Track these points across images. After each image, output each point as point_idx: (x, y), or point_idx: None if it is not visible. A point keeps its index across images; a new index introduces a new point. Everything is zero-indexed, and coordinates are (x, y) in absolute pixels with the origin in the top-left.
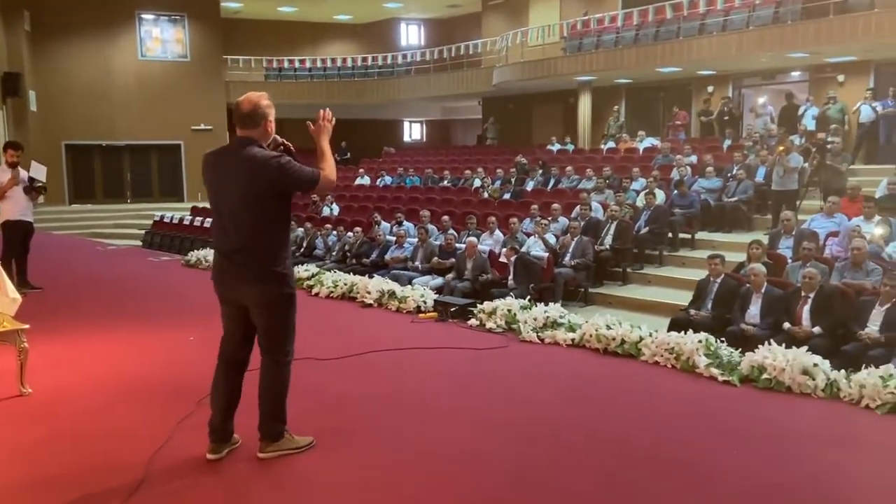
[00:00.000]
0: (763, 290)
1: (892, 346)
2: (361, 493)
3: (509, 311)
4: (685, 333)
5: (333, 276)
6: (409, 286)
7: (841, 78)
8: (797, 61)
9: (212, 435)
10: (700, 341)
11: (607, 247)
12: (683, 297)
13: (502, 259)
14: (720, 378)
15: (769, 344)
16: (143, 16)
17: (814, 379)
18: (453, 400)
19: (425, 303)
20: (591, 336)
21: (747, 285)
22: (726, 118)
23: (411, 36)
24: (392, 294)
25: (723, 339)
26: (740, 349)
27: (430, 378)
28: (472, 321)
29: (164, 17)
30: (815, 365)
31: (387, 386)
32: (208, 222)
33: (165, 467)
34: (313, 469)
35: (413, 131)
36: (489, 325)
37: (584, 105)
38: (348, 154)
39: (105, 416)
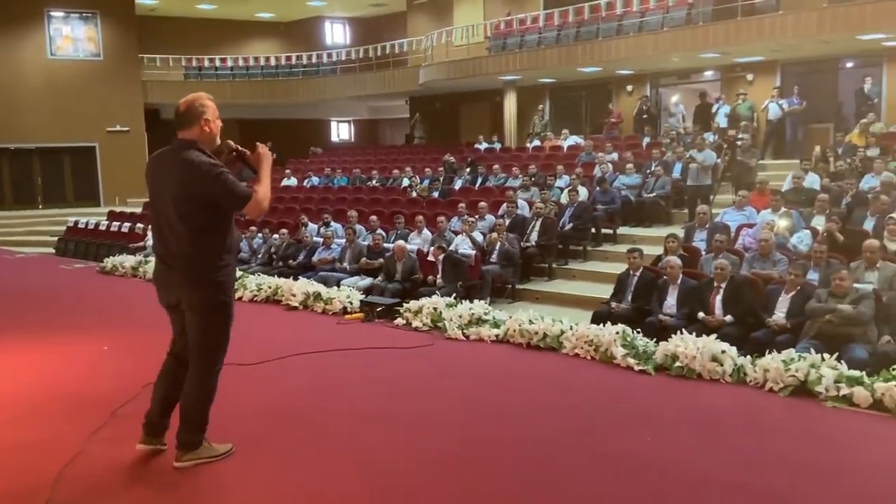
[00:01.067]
0: (679, 282)
1: (797, 331)
2: (286, 500)
3: (435, 309)
4: (604, 326)
5: (257, 279)
6: (335, 287)
7: (750, 77)
8: (709, 61)
9: (146, 427)
10: (617, 333)
11: (533, 243)
12: (607, 291)
13: (430, 258)
14: (636, 367)
15: (681, 333)
16: (53, 13)
17: (722, 365)
18: (381, 400)
19: (351, 304)
20: (514, 331)
21: (664, 277)
22: (645, 117)
23: (336, 34)
24: (318, 296)
25: (639, 329)
26: (656, 339)
27: (356, 379)
28: (399, 321)
29: (74, 14)
30: (724, 352)
31: (313, 389)
32: (126, 227)
33: (75, 481)
34: (233, 477)
35: (341, 131)
36: (415, 323)
37: (510, 104)
38: (275, 155)
39: (13, 429)
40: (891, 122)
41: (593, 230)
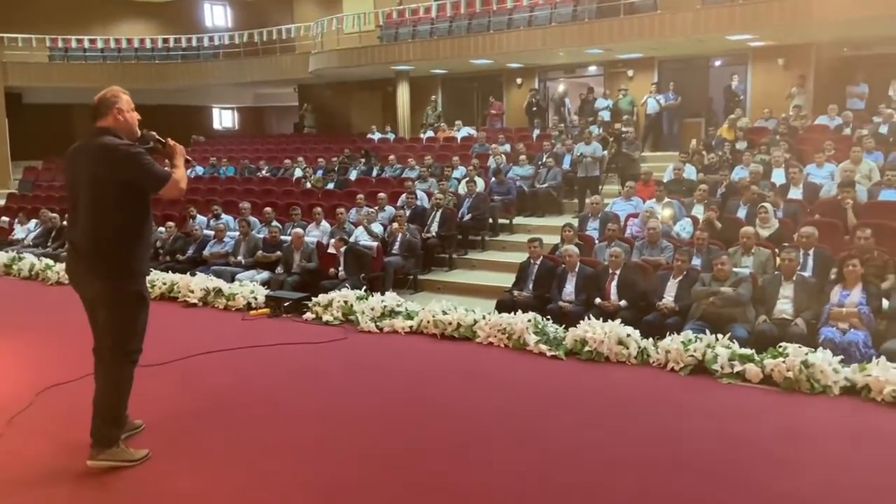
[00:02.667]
0: (577, 270)
1: (685, 314)
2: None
3: (346, 302)
4: (514, 314)
5: (149, 276)
6: (234, 283)
7: (630, 73)
8: (594, 57)
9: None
10: (529, 321)
11: (434, 234)
12: (506, 280)
13: (331, 250)
14: (548, 353)
15: (588, 319)
16: None
17: (628, 348)
18: (297, 397)
19: (256, 299)
20: (428, 322)
21: (563, 266)
22: (534, 109)
23: (217, 17)
24: (218, 292)
25: (548, 317)
26: (564, 326)
27: (269, 376)
28: (308, 315)
29: None
30: (629, 335)
31: (227, 388)
32: None
33: None
34: (148, 478)
35: (224, 118)
36: (326, 317)
37: (403, 94)
38: (151, 143)
39: None
40: (755, 118)
41: (490, 220)
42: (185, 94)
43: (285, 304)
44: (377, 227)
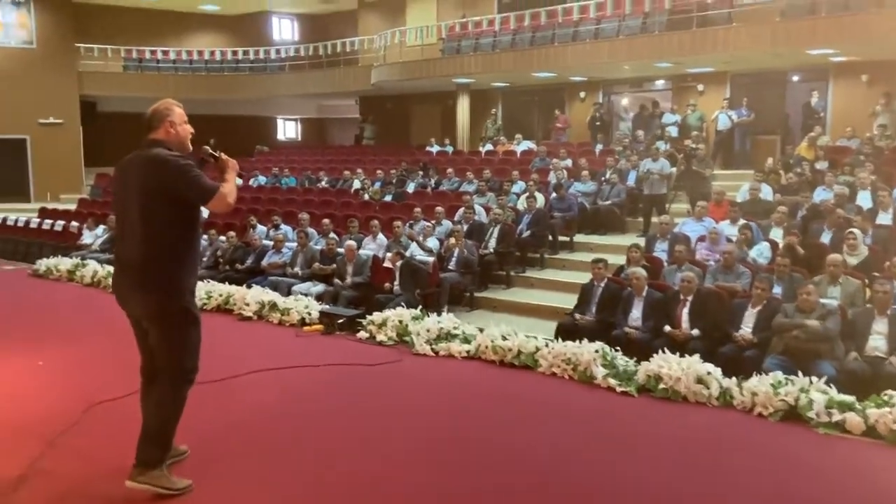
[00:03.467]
0: (644, 294)
1: (764, 347)
2: None
3: (400, 322)
4: (580, 343)
5: (206, 286)
6: (290, 296)
7: (700, 87)
8: (661, 71)
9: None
10: (597, 351)
11: (491, 250)
12: (565, 300)
13: (387, 264)
14: (618, 389)
15: (662, 351)
16: None
17: (708, 387)
18: (349, 424)
19: (310, 314)
20: (486, 348)
21: (629, 289)
22: (598, 124)
23: (284, 30)
24: (273, 305)
25: (611, 344)
26: (636, 359)
27: (321, 400)
28: (362, 334)
29: None
30: (709, 373)
31: (273, 411)
32: (59, 225)
33: None
34: None
35: (287, 129)
36: (380, 337)
37: (462, 107)
38: (204, 157)
39: None
40: (836, 136)
41: (550, 237)
42: (251, 105)
43: (339, 321)
44: (433, 242)
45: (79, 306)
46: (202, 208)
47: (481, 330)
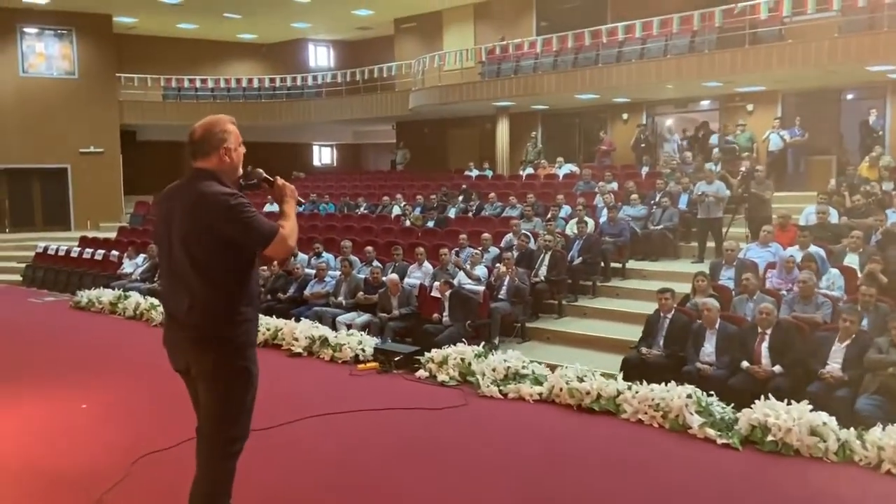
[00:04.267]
0: (717, 327)
1: (856, 385)
2: None
3: (462, 360)
4: (667, 386)
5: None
6: (343, 330)
7: (750, 107)
8: (708, 90)
9: None
10: (689, 396)
11: (542, 278)
12: (623, 331)
13: (435, 293)
14: (718, 440)
15: (770, 399)
16: (26, 30)
17: (825, 440)
18: (414, 477)
19: (364, 351)
20: (561, 390)
21: (699, 321)
22: (643, 146)
23: (320, 57)
24: (324, 341)
25: (682, 381)
26: (732, 405)
27: (382, 450)
28: (421, 372)
29: (49, 31)
30: (825, 423)
31: (330, 463)
32: (100, 254)
33: None
34: None
35: (323, 155)
36: (441, 377)
37: (502, 130)
38: (255, 180)
39: None
40: None
41: (601, 264)
42: (287, 131)
43: (396, 359)
44: (481, 270)
45: (122, 341)
46: None
47: (552, 369)
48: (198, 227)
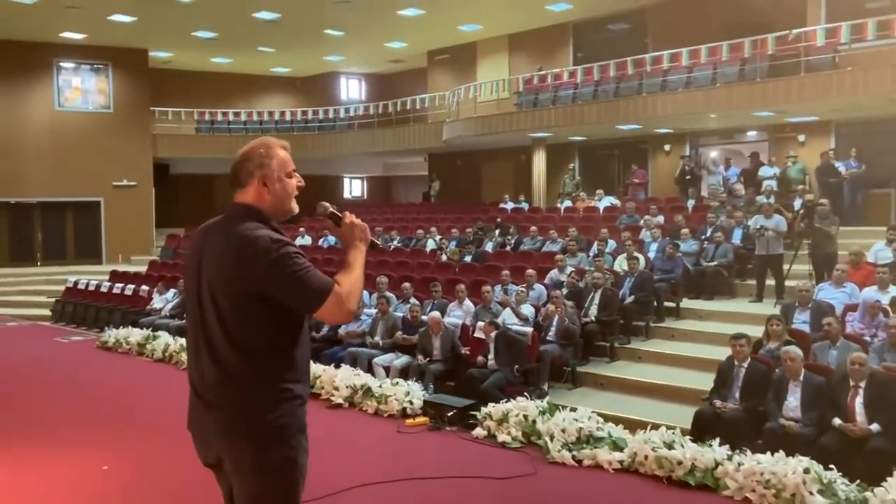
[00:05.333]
0: (801, 378)
1: None
2: None
3: (525, 417)
4: (775, 458)
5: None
6: (381, 374)
7: (801, 138)
8: (756, 120)
9: None
10: (807, 471)
11: (593, 318)
12: (682, 377)
13: (478, 334)
14: None
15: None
16: (63, 64)
17: None
18: None
19: (412, 403)
20: (646, 458)
21: (778, 370)
22: (688, 178)
23: (352, 90)
24: (367, 391)
25: (765, 440)
26: (858, 482)
27: None
28: (478, 431)
29: (85, 65)
30: None
31: None
32: (130, 289)
33: None
34: None
35: (353, 188)
36: (501, 436)
37: (539, 162)
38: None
39: None
40: None
41: (654, 303)
42: (318, 163)
43: (449, 414)
44: (528, 309)
45: (150, 388)
46: None
47: (632, 431)
48: (230, 277)
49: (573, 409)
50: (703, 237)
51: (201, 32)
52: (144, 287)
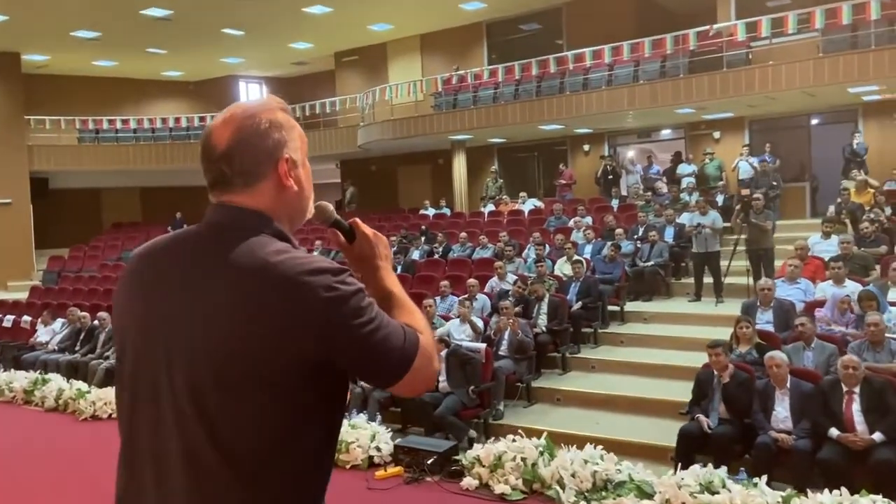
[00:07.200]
0: (788, 386)
1: None
2: None
3: (524, 460)
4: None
5: None
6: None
7: (717, 135)
8: (673, 118)
9: None
10: None
11: (543, 328)
12: (640, 386)
13: None
14: None
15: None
16: None
17: None
18: None
19: (379, 450)
20: None
21: (762, 379)
22: (610, 177)
23: (252, 94)
24: None
25: (757, 455)
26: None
27: None
28: (468, 480)
29: None
30: None
31: None
32: (9, 321)
33: None
34: None
35: None
36: (499, 488)
37: (459, 166)
38: (184, 226)
39: None
40: (878, 179)
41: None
42: None
43: (429, 462)
44: (478, 322)
45: (44, 447)
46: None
47: (610, 451)
48: (251, 350)
49: (580, 448)
50: (636, 237)
51: (82, 32)
52: (26, 317)
